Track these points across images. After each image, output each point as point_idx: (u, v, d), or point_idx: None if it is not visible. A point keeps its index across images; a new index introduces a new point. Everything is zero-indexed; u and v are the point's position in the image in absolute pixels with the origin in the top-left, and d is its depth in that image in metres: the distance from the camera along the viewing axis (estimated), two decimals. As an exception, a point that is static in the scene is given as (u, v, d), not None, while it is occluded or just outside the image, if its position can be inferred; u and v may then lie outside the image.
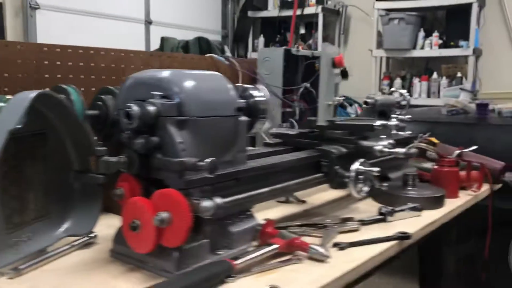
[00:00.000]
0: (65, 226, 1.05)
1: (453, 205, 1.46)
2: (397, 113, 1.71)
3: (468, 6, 5.04)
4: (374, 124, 1.30)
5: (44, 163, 1.01)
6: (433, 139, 1.85)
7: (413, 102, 5.37)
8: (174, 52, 2.39)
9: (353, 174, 1.22)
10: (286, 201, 1.47)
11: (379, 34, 5.60)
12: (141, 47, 5.64)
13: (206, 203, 0.91)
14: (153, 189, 0.94)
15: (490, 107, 3.23)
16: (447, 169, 1.53)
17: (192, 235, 0.92)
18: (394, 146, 1.26)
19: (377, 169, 1.23)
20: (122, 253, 0.99)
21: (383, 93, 5.68)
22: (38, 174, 1.00)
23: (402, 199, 1.39)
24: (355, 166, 1.22)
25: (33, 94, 0.88)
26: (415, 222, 1.28)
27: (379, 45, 5.61)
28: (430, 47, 5.36)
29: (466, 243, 1.71)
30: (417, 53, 5.45)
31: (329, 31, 6.41)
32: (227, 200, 0.99)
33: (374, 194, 1.52)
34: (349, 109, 5.01)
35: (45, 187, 1.02)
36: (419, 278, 1.86)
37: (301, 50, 2.08)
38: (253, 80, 2.02)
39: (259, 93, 1.15)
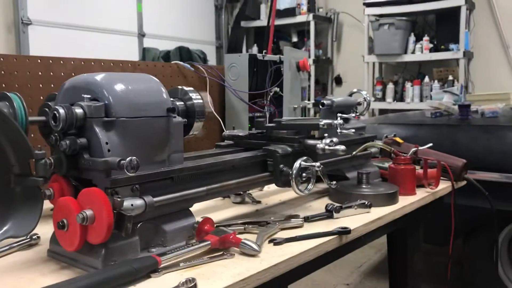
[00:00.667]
0: (5, 228, 1.08)
1: (406, 201, 1.47)
2: (357, 114, 1.72)
3: (458, 9, 5.07)
4: (319, 123, 1.32)
5: (-19, 167, 1.04)
6: (397, 139, 1.87)
7: (406, 106, 5.40)
8: (137, 60, 2.42)
9: (295, 171, 1.24)
10: (242, 202, 1.49)
11: (370, 40, 5.63)
12: (135, 59, 5.72)
13: (133, 202, 0.93)
14: (81, 188, 0.97)
15: (474, 108, 3.24)
16: (402, 167, 1.55)
17: (119, 234, 0.94)
18: (337, 144, 1.28)
19: (317, 163, 1.25)
20: (57, 252, 1.02)
21: (376, 99, 5.70)
22: (-25, 178, 1.03)
23: (354, 197, 1.41)
24: (297, 163, 1.24)
25: (-40, 99, 0.91)
26: (361, 218, 1.30)
27: (371, 50, 5.65)
28: (421, 51, 5.38)
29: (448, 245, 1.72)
30: (408, 57, 5.48)
31: (322, 38, 6.46)
32: (158, 199, 1.01)
33: (330, 193, 1.54)
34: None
35: (-17, 190, 1.05)
36: (389, 278, 1.86)
37: (268, 55, 2.11)
38: (220, 86, 2.06)
39: (197, 96, 1.18)
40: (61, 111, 0.94)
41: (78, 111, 0.96)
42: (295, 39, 6.45)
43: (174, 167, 1.07)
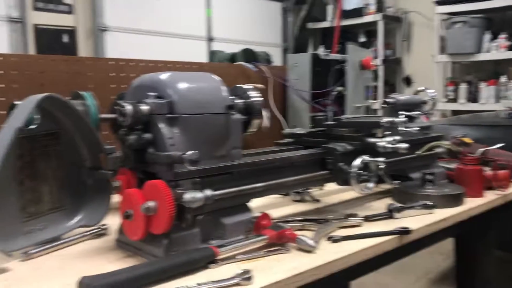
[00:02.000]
0: (78, 217, 1.15)
1: (473, 204, 1.41)
2: (423, 112, 1.68)
3: (538, 4, 4.76)
4: (380, 120, 1.31)
5: (57, 160, 1.12)
6: (466, 139, 1.79)
7: (480, 107, 5.15)
8: (203, 62, 2.49)
9: (354, 170, 1.23)
10: (301, 200, 1.50)
11: (442, 39, 5.42)
12: (204, 57, 5.88)
13: (190, 195, 0.97)
14: (146, 180, 1.02)
15: (554, 108, 3.04)
16: (469, 167, 1.48)
17: (181, 225, 0.98)
18: (399, 142, 1.25)
19: (381, 159, 1.23)
20: (124, 241, 1.08)
21: (449, 100, 5.48)
22: (52, 170, 1.11)
23: (418, 197, 1.37)
24: (357, 162, 1.23)
25: (39, 96, 0.99)
26: (423, 219, 1.26)
27: (442, 50, 5.43)
28: (497, 50, 5.11)
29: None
30: (483, 56, 5.22)
31: (390, 38, 6.30)
32: (217, 193, 1.04)
33: (392, 193, 1.51)
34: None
35: (59, 181, 1.13)
36: (456, 283, 1.79)
37: (331, 54, 2.10)
38: (282, 85, 2.07)
39: (256, 94, 1.20)
40: (128, 107, 1.00)
41: (144, 107, 1.01)
42: (362, 39, 6.33)
43: (233, 163, 1.10)
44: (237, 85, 1.23)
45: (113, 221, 1.17)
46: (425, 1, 5.69)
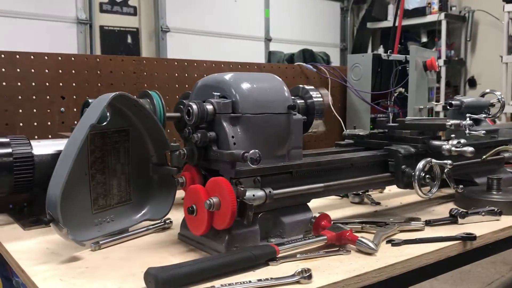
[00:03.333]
0: (143, 211, 1.21)
1: (543, 212, 1.34)
2: (489, 116, 1.62)
3: None
4: (446, 123, 1.27)
5: (127, 156, 1.18)
6: (536, 144, 1.71)
7: (551, 111, 4.86)
8: (262, 62, 2.51)
9: (418, 172, 1.21)
10: (361, 202, 1.49)
11: (510, 39, 5.17)
12: (262, 57, 5.93)
13: (252, 192, 0.99)
14: (210, 177, 1.05)
15: None
16: (540, 174, 1.42)
17: (242, 222, 1.01)
18: (465, 146, 1.22)
19: (449, 161, 1.20)
20: (186, 236, 1.12)
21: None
22: (121, 165, 1.17)
23: (483, 203, 1.33)
24: (421, 164, 1.21)
25: (111, 94, 1.05)
26: (489, 226, 1.22)
27: (510, 50, 5.18)
28: None
29: None
30: (555, 57, 4.93)
31: (454, 38, 6.10)
32: (277, 192, 1.06)
33: (456, 198, 1.47)
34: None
35: (127, 176, 1.19)
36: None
37: (393, 55, 2.06)
38: (342, 86, 2.06)
39: (317, 94, 1.21)
40: (194, 107, 1.03)
41: (209, 107, 1.05)
42: (424, 39, 6.17)
43: (293, 162, 1.11)
44: (299, 85, 1.24)
45: (176, 216, 1.21)
46: (493, -1, 5.46)
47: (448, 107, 1.56)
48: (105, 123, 1.11)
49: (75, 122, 1.46)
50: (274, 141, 1.09)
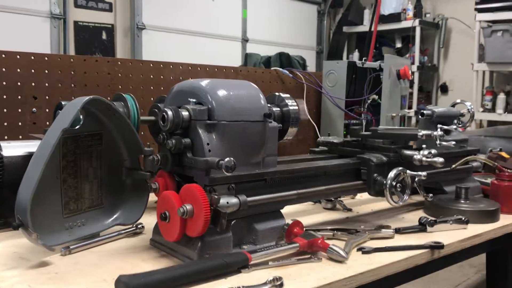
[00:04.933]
0: (115, 215, 1.20)
1: (508, 220, 1.39)
2: (459, 125, 1.66)
3: None
4: (417, 133, 1.30)
5: (99, 159, 1.17)
6: (503, 154, 1.77)
7: (519, 119, 5.01)
8: (239, 66, 2.52)
9: (389, 181, 1.23)
10: (333, 208, 1.51)
11: (481, 47, 5.31)
12: (237, 64, 5.93)
13: (225, 199, 1.00)
14: (183, 183, 1.05)
15: None
16: (506, 183, 1.46)
17: (215, 229, 1.01)
18: (436, 156, 1.25)
19: (423, 173, 1.23)
20: (158, 241, 1.11)
21: (485, 109, 5.36)
22: (93, 169, 1.16)
23: (451, 211, 1.36)
24: (392, 173, 1.23)
25: (85, 98, 1.04)
26: (457, 234, 1.25)
27: (481, 58, 5.32)
28: (538, 60, 4.96)
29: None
30: (524, 66, 5.08)
31: (428, 44, 6.22)
32: (251, 199, 1.07)
33: (425, 206, 1.50)
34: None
35: (100, 180, 1.17)
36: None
37: (367, 62, 2.09)
38: (317, 92, 2.08)
39: (293, 102, 1.22)
40: (170, 113, 1.03)
41: (184, 113, 1.05)
42: (398, 45, 6.27)
43: (268, 170, 1.12)
44: (275, 93, 1.25)
45: (149, 220, 1.21)
46: (465, 8, 5.60)
47: (420, 117, 1.59)
48: (78, 127, 1.10)
49: (47, 123, 1.44)
50: (249, 148, 1.09)
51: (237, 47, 5.99)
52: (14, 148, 1.26)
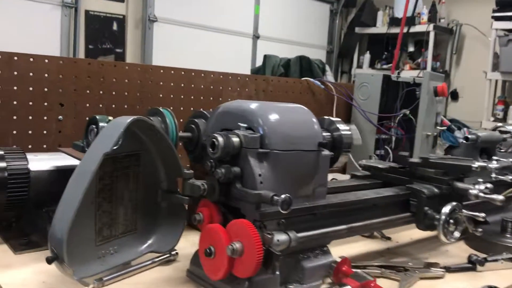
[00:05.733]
0: (149, 242, 1.11)
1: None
2: (502, 151, 1.58)
3: None
4: (472, 165, 1.21)
5: (136, 181, 1.08)
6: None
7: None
8: (270, 76, 2.42)
9: (443, 217, 1.15)
10: (371, 236, 1.42)
11: (496, 56, 5.21)
12: (247, 60, 5.84)
13: (279, 237, 0.91)
14: (231, 217, 0.97)
15: None
16: (555, 218, 1.38)
17: (265, 269, 0.92)
18: (492, 191, 1.16)
19: (482, 214, 1.15)
20: (197, 274, 1.03)
21: (496, 119, 5.28)
22: (129, 192, 1.07)
23: (499, 248, 1.28)
24: (447, 209, 1.15)
25: (128, 119, 0.94)
26: (509, 275, 1.17)
27: (495, 67, 5.23)
28: (555, 72, 4.88)
29: None
30: (538, 78, 5.00)
31: (440, 50, 6.12)
32: (302, 235, 0.98)
33: (467, 237, 1.42)
34: (457, 133, 4.73)
35: (134, 203, 1.08)
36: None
37: (401, 76, 2.00)
38: (348, 105, 1.99)
39: (345, 127, 1.13)
40: (220, 139, 0.94)
41: (234, 139, 0.95)
42: (411, 49, 6.17)
43: (318, 203, 1.04)
44: (324, 117, 1.16)
45: (181, 245, 1.12)
46: (481, 14, 5.49)
47: (464, 141, 1.50)
48: (116, 147, 1.00)
49: (74, 132, 1.34)
50: (301, 180, 1.01)
51: (247, 44, 5.89)
52: (40, 162, 1.17)
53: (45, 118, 1.32)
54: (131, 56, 4.94)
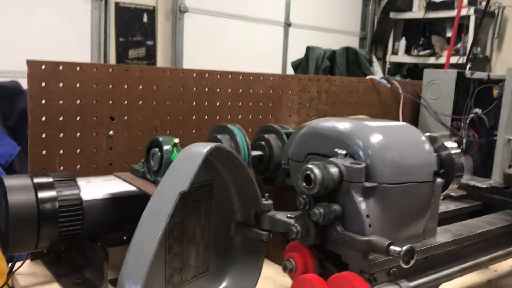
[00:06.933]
0: (223, 284, 0.94)
1: None
2: None
3: None
4: None
5: (208, 216, 0.91)
6: None
7: None
8: (333, 76, 2.23)
9: None
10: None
11: (543, 40, 4.89)
12: (279, 49, 5.62)
13: (393, 294, 0.73)
14: (329, 265, 0.79)
15: None
16: None
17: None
18: None
19: None
20: (285, 328, 0.86)
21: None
22: (201, 228, 0.90)
23: None
24: None
25: (205, 149, 0.77)
26: None
27: (541, 52, 4.90)
28: None
29: None
30: None
31: (481, 34, 5.78)
32: (413, 285, 0.80)
33: None
34: None
35: (206, 241, 0.91)
36: None
37: (476, 72, 1.78)
38: (415, 105, 1.79)
39: (453, 144, 0.94)
40: (317, 171, 0.76)
41: (333, 170, 0.77)
42: (449, 34, 5.85)
43: (430, 243, 0.85)
44: (428, 134, 0.96)
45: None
46: (525, -4, 5.15)
47: None
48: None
49: (126, 150, 1.19)
50: (412, 217, 0.82)
51: (279, 32, 5.66)
52: (94, 189, 1.02)
53: (95, 134, 1.16)
54: (161, 48, 4.78)
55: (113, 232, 1.05)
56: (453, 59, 4.90)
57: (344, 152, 0.79)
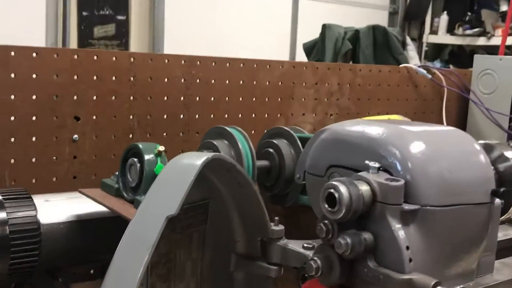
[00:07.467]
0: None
1: None
2: None
3: None
4: None
5: (201, 245, 0.91)
6: None
7: None
8: (358, 64, 2.25)
9: None
10: None
11: None
12: (287, 26, 5.64)
13: None
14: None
15: None
16: None
17: None
18: None
19: None
20: None
21: None
22: (192, 262, 0.91)
23: None
24: None
25: (200, 160, 0.77)
26: None
27: None
28: None
29: None
30: None
31: (544, 9, 5.81)
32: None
33: None
34: None
35: (199, 278, 0.92)
36: None
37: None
38: (463, 100, 1.80)
39: (513, 155, 0.94)
40: (343, 190, 0.76)
41: (364, 189, 0.77)
42: (504, 7, 5.88)
43: (487, 284, 0.86)
44: (483, 142, 0.97)
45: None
46: None
47: None
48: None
49: (95, 158, 1.19)
50: (464, 249, 0.83)
51: (286, 4, 5.68)
52: (55, 210, 1.03)
53: (55, 138, 1.16)
54: (136, 25, 4.79)
55: (78, 264, 1.06)
56: (510, 40, 4.91)
57: (377, 165, 0.79)
